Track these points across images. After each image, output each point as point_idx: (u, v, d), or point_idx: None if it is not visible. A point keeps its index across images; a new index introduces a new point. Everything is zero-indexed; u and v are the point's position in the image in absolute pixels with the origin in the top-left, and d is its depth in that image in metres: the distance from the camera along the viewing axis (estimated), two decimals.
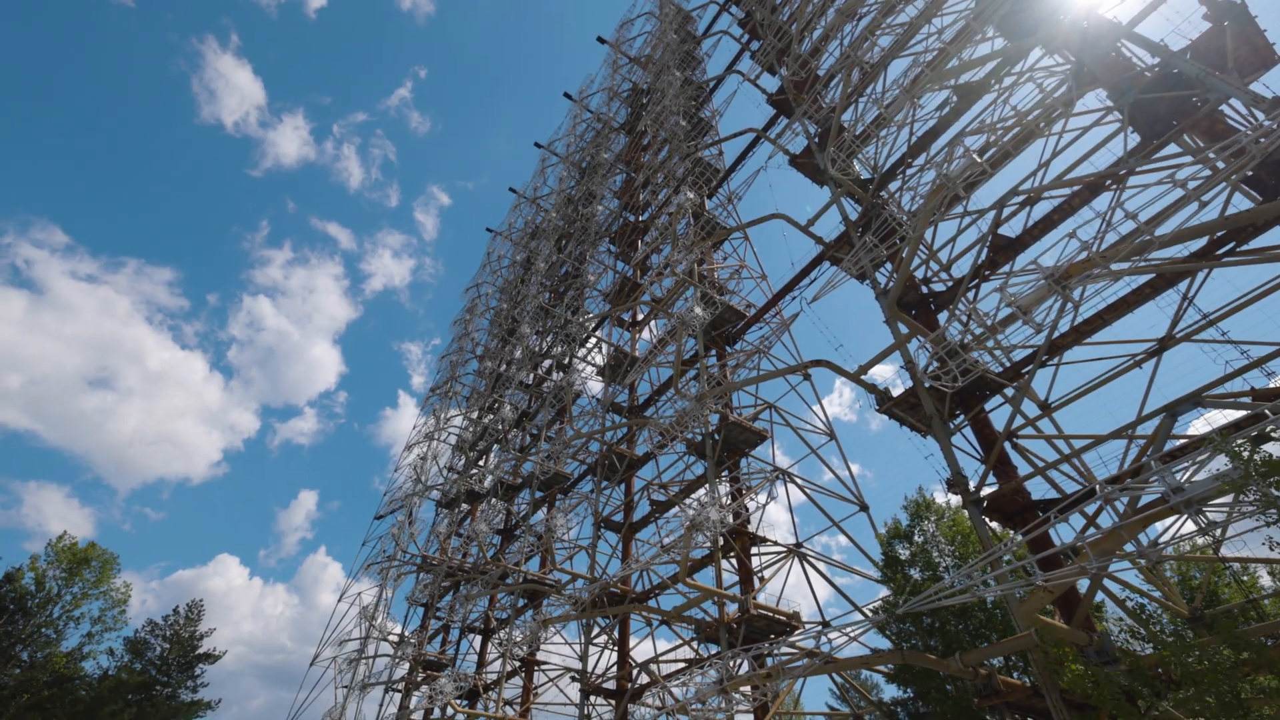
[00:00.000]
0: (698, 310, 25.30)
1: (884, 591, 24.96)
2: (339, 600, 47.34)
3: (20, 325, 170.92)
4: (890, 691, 30.67)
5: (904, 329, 19.61)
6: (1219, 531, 9.93)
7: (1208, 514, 7.74)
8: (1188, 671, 8.17)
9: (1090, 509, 17.44)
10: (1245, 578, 19.68)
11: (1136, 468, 12.01)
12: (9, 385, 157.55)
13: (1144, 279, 16.33)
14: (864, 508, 27.40)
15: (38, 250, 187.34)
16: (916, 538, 24.69)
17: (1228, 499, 8.56)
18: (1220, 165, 14.57)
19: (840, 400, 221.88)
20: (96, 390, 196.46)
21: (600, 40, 67.98)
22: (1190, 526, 10.80)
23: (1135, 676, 9.49)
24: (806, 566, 25.59)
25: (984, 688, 13.27)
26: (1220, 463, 8.31)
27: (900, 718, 24.05)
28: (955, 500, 26.16)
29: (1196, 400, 12.32)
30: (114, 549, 40.26)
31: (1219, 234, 15.89)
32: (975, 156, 13.91)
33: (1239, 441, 7.63)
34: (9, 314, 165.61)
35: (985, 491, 16.35)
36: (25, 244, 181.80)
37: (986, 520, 16.11)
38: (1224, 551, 15.30)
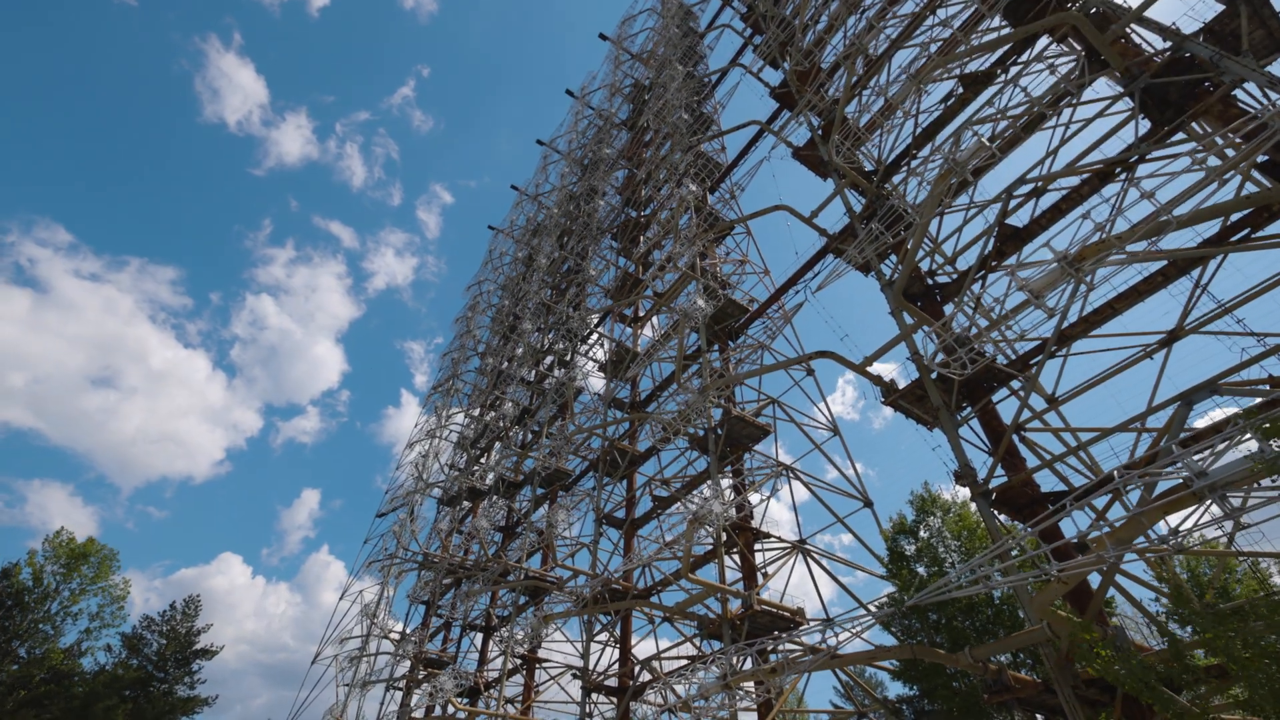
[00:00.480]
0: (700, 302, 24.99)
1: (889, 588, 24.62)
2: (340, 598, 47.21)
3: (24, 324, 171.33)
4: (895, 689, 30.33)
5: (910, 319, 19.30)
6: (1238, 520, 9.57)
7: (1231, 500, 7.43)
8: (1233, 656, 7.80)
9: (1099, 502, 17.16)
10: (1257, 574, 19.30)
11: (1152, 454, 11.69)
12: (13, 384, 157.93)
13: (1155, 266, 16.00)
14: (868, 503, 27.10)
15: (41, 249, 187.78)
16: (922, 533, 24.32)
17: (1243, 489, 8.26)
18: (1230, 153, 14.24)
19: (843, 399, 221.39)
20: (100, 389, 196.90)
21: (602, 37, 67.79)
22: (1194, 521, 10.49)
23: (1174, 663, 9.13)
24: (810, 563, 25.30)
25: (994, 683, 12.97)
26: (1242, 450, 7.98)
27: (906, 715, 23.72)
28: (962, 494, 25.84)
29: (1212, 388, 11.99)
30: (117, 547, 40.19)
31: (1232, 221, 15.58)
32: (984, 140, 13.58)
33: (1266, 423, 7.31)
34: (12, 313, 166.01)
35: (994, 484, 16.04)
36: (29, 243, 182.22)
37: (995, 513, 15.78)
38: (1234, 544, 14.95)
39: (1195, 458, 7.72)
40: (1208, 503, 8.81)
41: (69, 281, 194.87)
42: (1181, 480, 8.03)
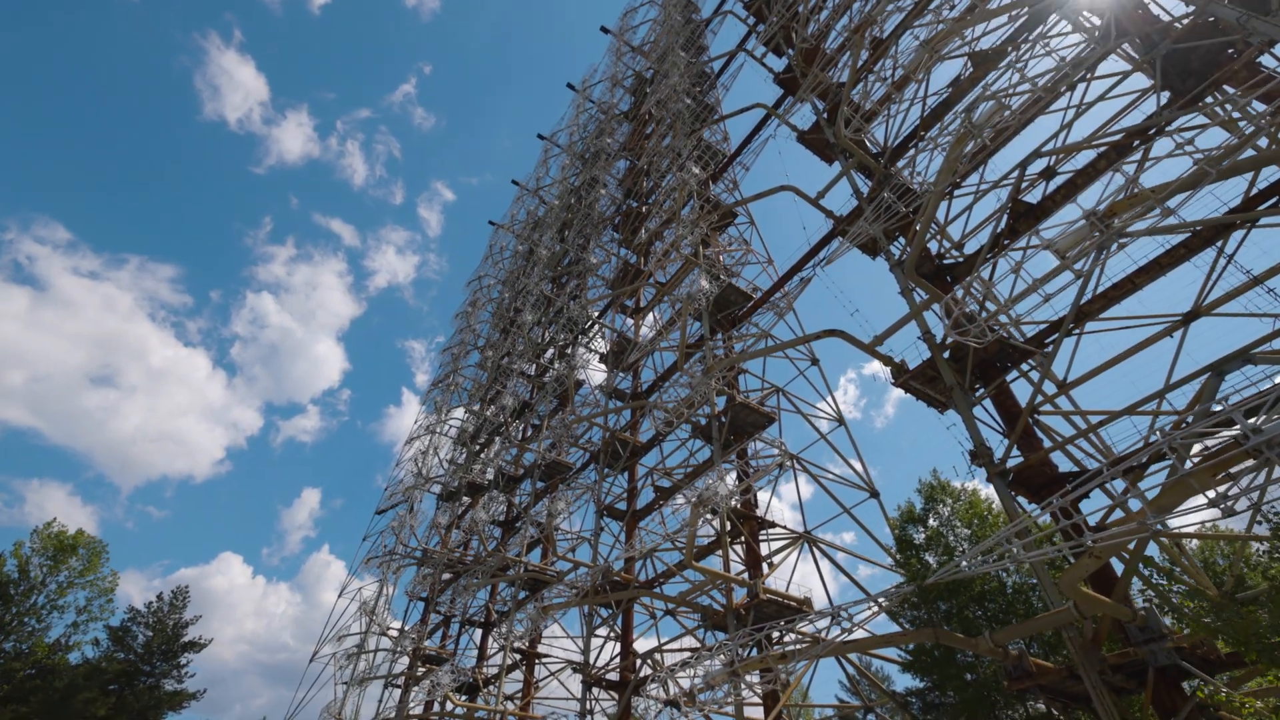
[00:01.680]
0: (703, 283, 24.40)
1: (897, 580, 24.02)
2: (339, 595, 46.64)
3: (22, 322, 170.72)
4: (903, 683, 29.65)
5: (920, 297, 18.71)
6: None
7: None
8: None
9: (1112, 491, 16.50)
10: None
11: (1183, 422, 11.07)
12: (11, 382, 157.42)
13: (1178, 239, 15.40)
14: (874, 494, 26.52)
15: (40, 247, 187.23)
16: (931, 521, 23.68)
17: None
18: (1243, 125, 13.64)
19: (845, 397, 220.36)
20: (99, 387, 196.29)
21: (604, 30, 67.34)
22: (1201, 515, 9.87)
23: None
24: (816, 553, 24.71)
25: (1015, 669, 12.36)
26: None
27: (914, 708, 23.08)
28: (971, 483, 25.21)
29: (1246, 358, 11.37)
30: (117, 547, 39.43)
31: (1256, 190, 14.99)
32: (1002, 101, 12.98)
33: None
34: (11, 311, 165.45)
35: (1010, 464, 15.46)
36: (28, 240, 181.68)
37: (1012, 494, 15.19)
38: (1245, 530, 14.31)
39: (1251, 421, 7.11)
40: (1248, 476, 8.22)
41: (68, 279, 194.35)
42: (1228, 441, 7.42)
